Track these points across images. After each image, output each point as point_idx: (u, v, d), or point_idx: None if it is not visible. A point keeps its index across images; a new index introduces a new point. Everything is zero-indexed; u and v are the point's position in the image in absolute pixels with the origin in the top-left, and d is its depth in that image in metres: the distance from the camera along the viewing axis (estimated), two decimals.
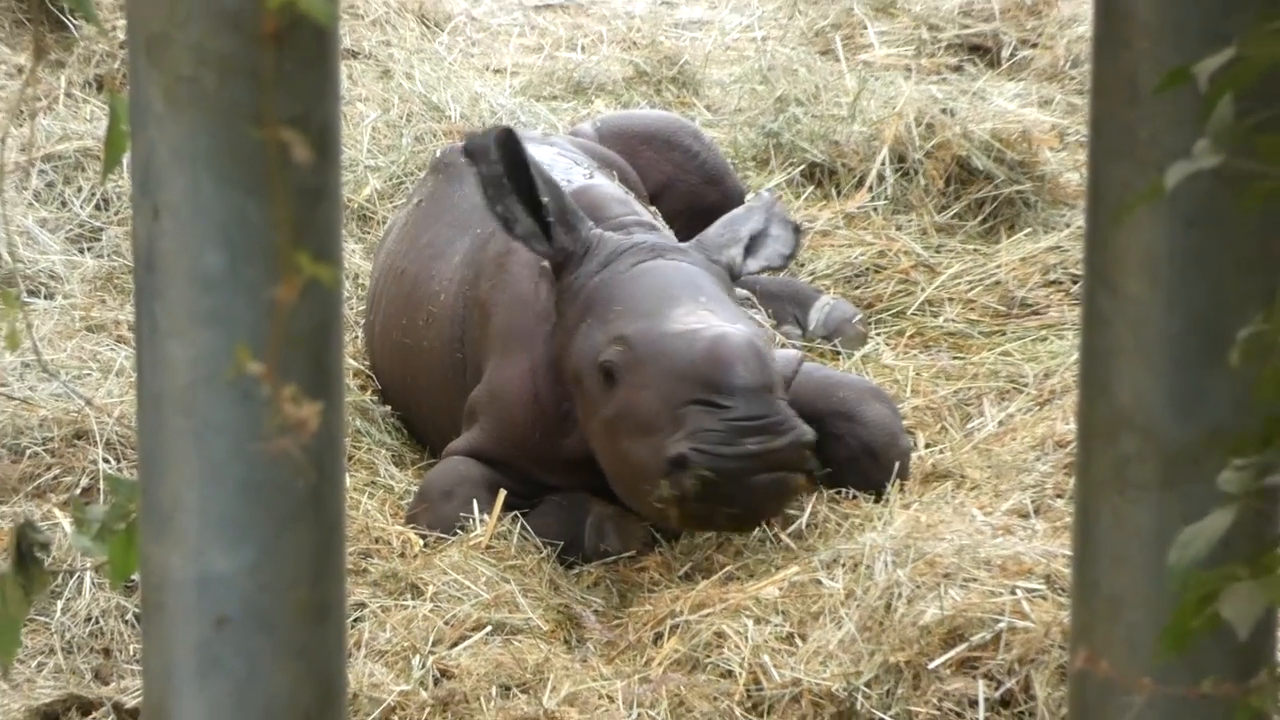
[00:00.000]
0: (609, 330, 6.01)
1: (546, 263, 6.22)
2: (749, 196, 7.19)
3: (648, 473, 5.84)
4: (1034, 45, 9.08)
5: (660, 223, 6.72)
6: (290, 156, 2.75)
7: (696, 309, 5.99)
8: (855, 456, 6.31)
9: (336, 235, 2.99)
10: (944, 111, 8.01)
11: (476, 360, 6.48)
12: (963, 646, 5.36)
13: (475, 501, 6.17)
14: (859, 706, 5.31)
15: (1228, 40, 2.78)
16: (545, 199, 6.12)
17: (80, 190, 7.73)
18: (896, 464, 6.31)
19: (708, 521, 5.88)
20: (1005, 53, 9.04)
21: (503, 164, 6.05)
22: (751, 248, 6.48)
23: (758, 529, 6.05)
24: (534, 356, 6.27)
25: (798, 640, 5.56)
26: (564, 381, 6.18)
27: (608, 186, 6.71)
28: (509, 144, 6.06)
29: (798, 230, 6.67)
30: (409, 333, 6.72)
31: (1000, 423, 6.68)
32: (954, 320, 7.33)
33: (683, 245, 6.35)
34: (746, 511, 5.82)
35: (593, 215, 6.40)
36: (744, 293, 7.07)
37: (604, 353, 5.97)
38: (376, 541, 6.12)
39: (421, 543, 6.11)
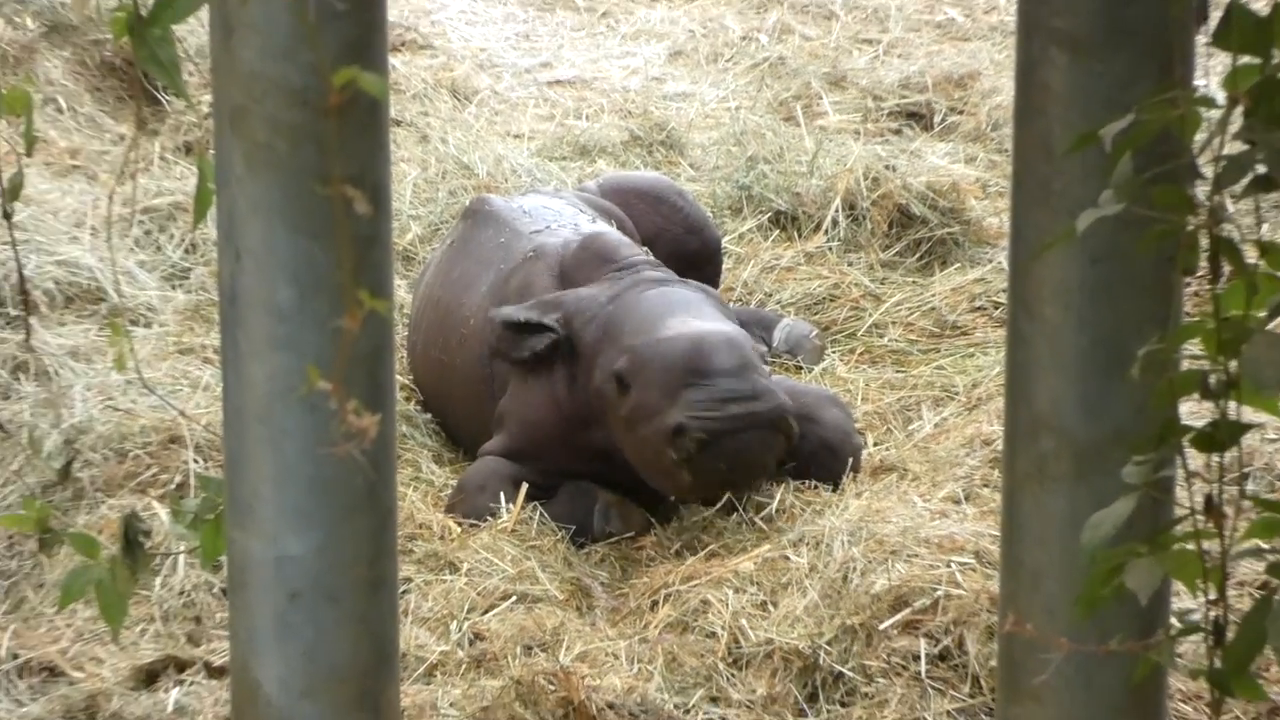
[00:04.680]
0: (620, 346, 6.04)
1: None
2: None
3: (658, 445, 5.88)
4: (961, 112, 9.06)
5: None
6: (351, 209, 2.74)
7: (688, 319, 6.03)
8: (816, 452, 6.29)
9: (389, 274, 2.98)
10: (887, 167, 7.99)
11: (503, 375, 6.46)
12: (907, 611, 5.34)
13: (503, 494, 6.16)
14: (822, 661, 5.28)
15: (1127, 108, 2.77)
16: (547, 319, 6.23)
17: (173, 237, 7.70)
18: (850, 459, 6.28)
19: (711, 479, 5.88)
20: (937, 118, 9.02)
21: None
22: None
23: (736, 513, 6.04)
24: (552, 375, 6.27)
25: (770, 606, 5.53)
26: (585, 397, 6.18)
27: (613, 233, 6.72)
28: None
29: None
30: (444, 351, 6.70)
31: (936, 425, 6.65)
32: (896, 340, 7.31)
33: (688, 281, 6.40)
34: (740, 466, 5.85)
35: (604, 256, 6.42)
36: None
37: (616, 364, 6.00)
38: (420, 527, 6.09)
39: (458, 528, 6.09)
